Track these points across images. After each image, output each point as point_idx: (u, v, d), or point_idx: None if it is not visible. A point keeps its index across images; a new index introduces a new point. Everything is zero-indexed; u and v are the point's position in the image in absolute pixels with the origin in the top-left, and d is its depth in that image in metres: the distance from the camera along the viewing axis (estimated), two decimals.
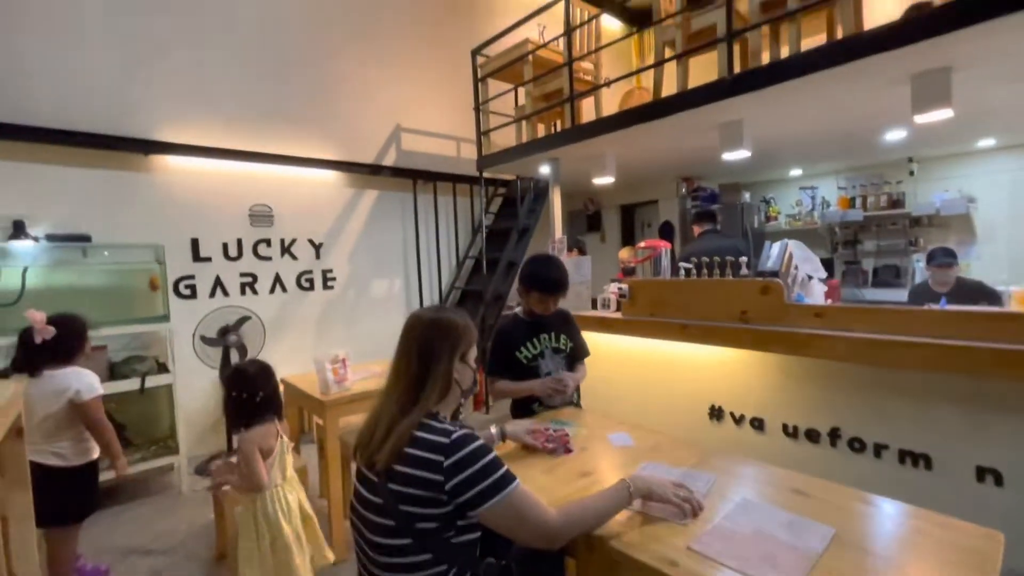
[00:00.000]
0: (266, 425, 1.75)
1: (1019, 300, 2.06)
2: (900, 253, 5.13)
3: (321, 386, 2.44)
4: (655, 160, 4.38)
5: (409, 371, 1.17)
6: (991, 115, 3.27)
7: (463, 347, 1.21)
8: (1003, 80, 2.49)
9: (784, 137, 3.78)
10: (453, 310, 1.27)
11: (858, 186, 5.36)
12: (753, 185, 6.23)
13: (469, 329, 1.24)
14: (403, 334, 1.23)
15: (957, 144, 4.42)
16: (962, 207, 4.51)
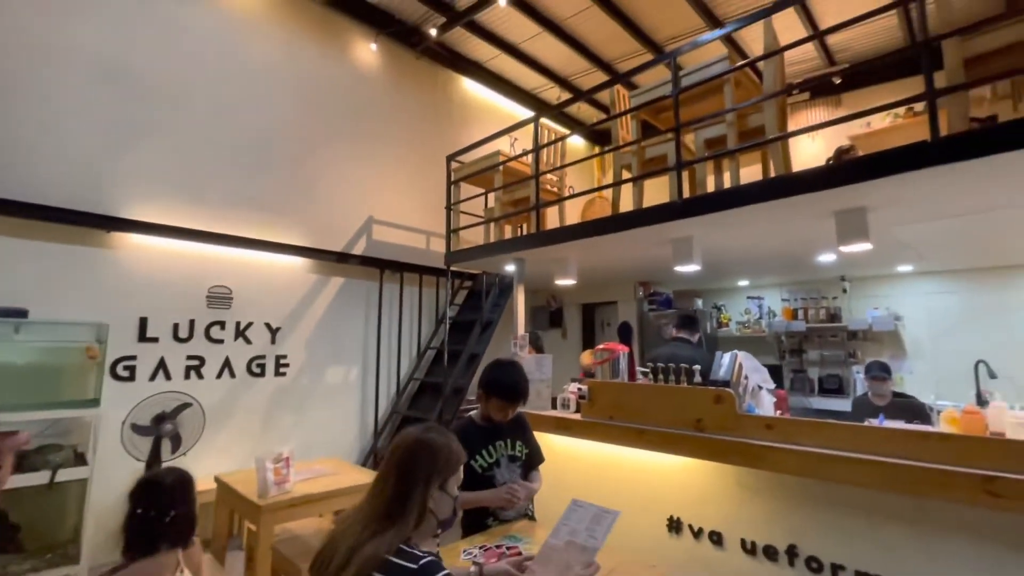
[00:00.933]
0: (164, 557, 1.47)
1: (946, 420, 2.19)
2: (841, 364, 5.42)
3: (260, 488, 2.26)
4: (614, 265, 4.60)
5: (384, 493, 1.13)
6: (904, 247, 3.68)
7: (444, 474, 1.17)
8: (909, 220, 2.85)
9: (731, 253, 4.09)
10: (440, 431, 1.24)
11: (799, 299, 5.77)
12: (706, 292, 6.60)
13: (454, 455, 1.21)
14: (387, 453, 1.21)
15: (881, 268, 4.91)
16: (891, 324, 4.90)
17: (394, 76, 5.36)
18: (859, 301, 5.35)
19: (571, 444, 3.27)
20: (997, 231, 3.24)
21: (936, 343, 4.86)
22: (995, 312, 4.56)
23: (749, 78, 2.96)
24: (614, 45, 5.53)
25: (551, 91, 6.40)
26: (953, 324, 4.78)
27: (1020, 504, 1.74)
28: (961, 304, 4.78)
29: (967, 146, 1.94)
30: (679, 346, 3.67)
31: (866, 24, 5.06)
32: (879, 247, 3.40)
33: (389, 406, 4.98)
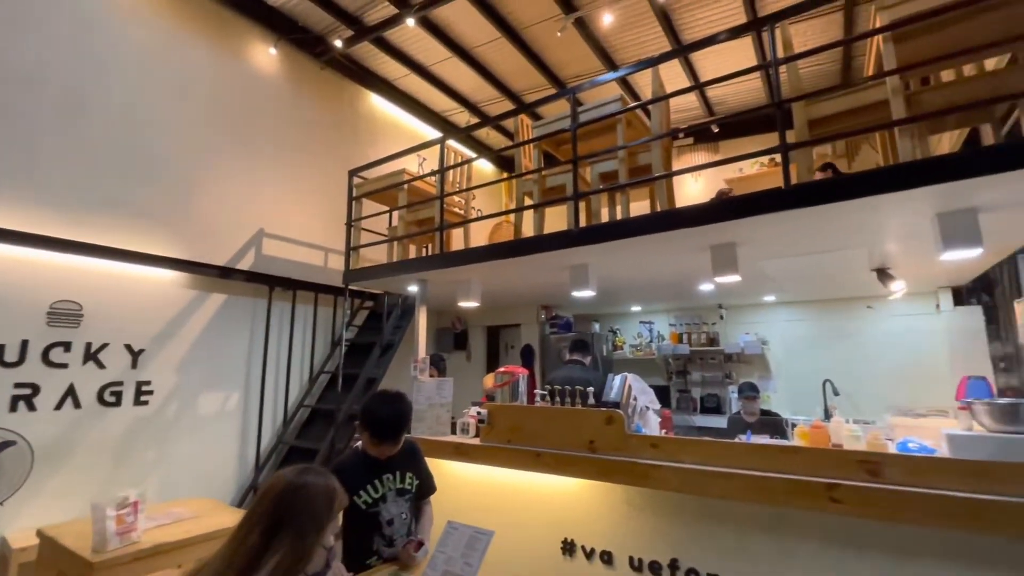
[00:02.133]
0: None
1: (799, 434, 2.45)
2: (719, 384, 5.93)
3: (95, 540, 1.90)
4: (518, 289, 4.66)
5: (247, 543, 0.99)
6: (767, 280, 4.16)
7: (320, 522, 1.05)
8: (771, 256, 3.22)
9: (624, 280, 4.33)
10: (318, 472, 1.10)
11: (684, 324, 6.26)
12: (603, 316, 6.92)
13: (334, 500, 1.08)
14: (256, 497, 1.06)
15: (750, 297, 5.49)
16: (759, 348, 5.48)
17: (296, 84, 5.08)
18: (734, 327, 5.93)
19: (469, 470, 3.19)
20: (837, 268, 3.77)
21: (793, 364, 5.52)
22: (837, 337, 5.29)
23: (640, 120, 3.20)
24: (522, 78, 5.74)
25: (461, 115, 6.46)
26: (806, 347, 5.46)
27: (857, 508, 1.97)
28: (812, 330, 5.48)
29: (810, 194, 2.24)
30: (574, 368, 3.77)
31: (738, 83, 5.77)
32: (747, 279, 3.79)
33: (274, 436, 4.55)
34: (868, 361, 5.02)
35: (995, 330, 4.40)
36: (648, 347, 6.29)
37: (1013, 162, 1.85)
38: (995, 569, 1.84)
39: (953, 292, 4.59)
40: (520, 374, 3.30)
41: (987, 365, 4.33)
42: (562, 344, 5.63)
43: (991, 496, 1.77)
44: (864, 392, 4.94)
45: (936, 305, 4.72)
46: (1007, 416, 1.99)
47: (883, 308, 5.02)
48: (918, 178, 2.00)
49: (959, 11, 2.03)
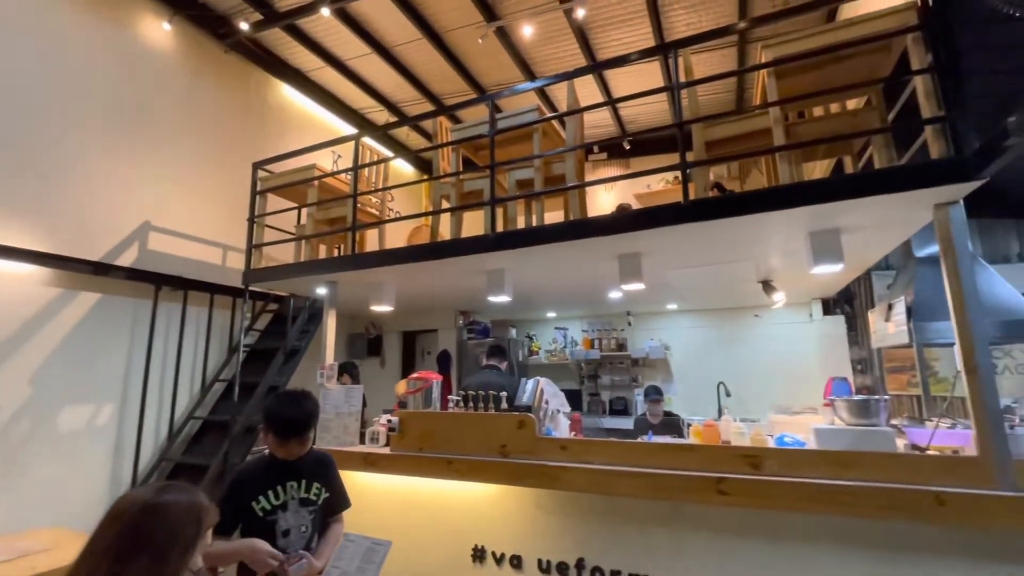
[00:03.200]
0: None
1: (694, 433, 2.63)
2: (627, 387, 6.23)
3: None
4: (435, 293, 4.59)
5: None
6: (670, 289, 4.45)
7: (185, 543, 0.93)
8: (670, 267, 3.46)
9: (539, 286, 4.41)
10: (181, 489, 0.96)
11: (596, 330, 6.50)
12: (520, 322, 7.00)
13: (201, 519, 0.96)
14: (102, 523, 0.90)
15: (655, 305, 5.84)
16: (662, 353, 5.83)
17: (194, 66, 4.63)
18: (640, 333, 6.26)
19: (379, 482, 3.08)
20: (729, 279, 4.11)
21: (692, 368, 5.94)
22: (730, 343, 5.78)
23: (556, 131, 3.29)
24: (444, 81, 5.69)
25: (380, 114, 6.26)
26: (703, 352, 5.91)
27: (741, 500, 2.14)
28: (708, 336, 5.94)
29: (704, 210, 2.42)
30: (489, 373, 3.76)
31: (648, 104, 6.16)
32: (652, 287, 4.02)
33: (157, 453, 4.06)
34: (755, 364, 5.52)
35: (854, 336, 5.05)
36: (562, 352, 6.45)
37: (865, 189, 2.13)
38: (855, 546, 2.08)
39: (823, 303, 5.19)
40: (433, 380, 3.23)
41: (848, 367, 4.94)
42: (479, 350, 5.61)
43: (849, 482, 2.00)
44: (751, 392, 5.42)
45: (809, 314, 5.31)
46: (861, 411, 2.28)
47: (767, 316, 5.56)
48: (793, 199, 2.23)
49: (827, 55, 2.31)
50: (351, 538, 1.33)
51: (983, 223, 4.72)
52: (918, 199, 2.14)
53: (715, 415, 4.62)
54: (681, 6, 4.52)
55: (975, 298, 1.98)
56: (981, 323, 1.96)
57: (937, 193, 2.08)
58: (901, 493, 1.91)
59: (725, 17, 4.54)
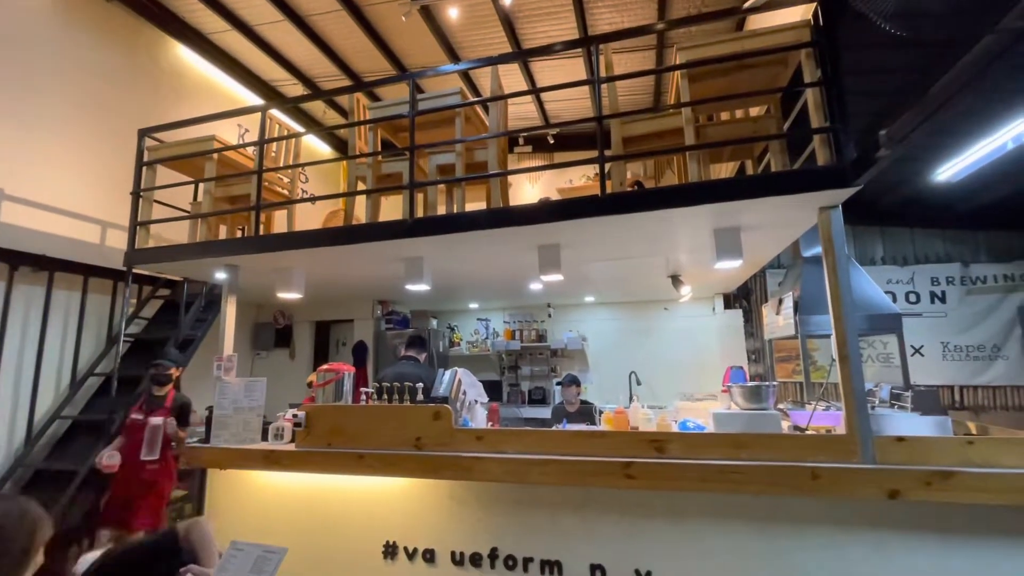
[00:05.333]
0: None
1: (605, 420, 2.71)
2: (545, 377, 6.36)
3: None
4: (351, 281, 4.39)
5: None
6: (587, 281, 4.58)
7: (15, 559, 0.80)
8: (588, 259, 3.55)
9: (460, 276, 4.35)
10: (10, 498, 0.83)
11: (517, 321, 6.56)
12: (441, 313, 6.89)
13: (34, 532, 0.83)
14: None
15: (574, 298, 5.99)
16: (579, 344, 6.00)
17: (66, 14, 3.99)
18: (559, 325, 6.41)
19: (282, 481, 2.89)
20: (641, 272, 4.31)
21: (607, 358, 6.18)
22: (642, 334, 6.08)
23: (479, 118, 3.22)
24: (365, 59, 5.40)
25: (295, 88, 5.82)
26: (617, 343, 6.17)
27: (647, 482, 2.23)
28: (622, 327, 6.21)
29: (619, 203, 2.49)
30: (407, 365, 3.67)
31: (571, 100, 6.27)
32: (570, 279, 4.11)
33: (11, 458, 3.50)
34: (663, 354, 5.86)
35: (750, 328, 5.51)
36: (484, 343, 6.45)
37: (762, 190, 2.29)
38: (744, 520, 2.25)
39: (724, 297, 5.61)
40: (344, 371, 3.06)
41: (744, 357, 5.38)
42: (398, 341, 5.45)
43: (741, 462, 2.16)
44: (660, 381, 5.74)
45: (712, 308, 5.71)
46: (753, 396, 2.47)
47: (675, 310, 5.90)
48: (701, 196, 2.35)
49: (733, 63, 2.45)
50: (239, 546, 1.20)
51: (856, 229, 5.34)
52: (806, 201, 2.33)
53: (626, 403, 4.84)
54: (605, 5, 4.62)
55: (849, 294, 2.21)
56: (853, 316, 2.19)
57: (821, 197, 2.29)
58: (783, 470, 2.09)
59: (646, 19, 4.71)
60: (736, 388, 2.52)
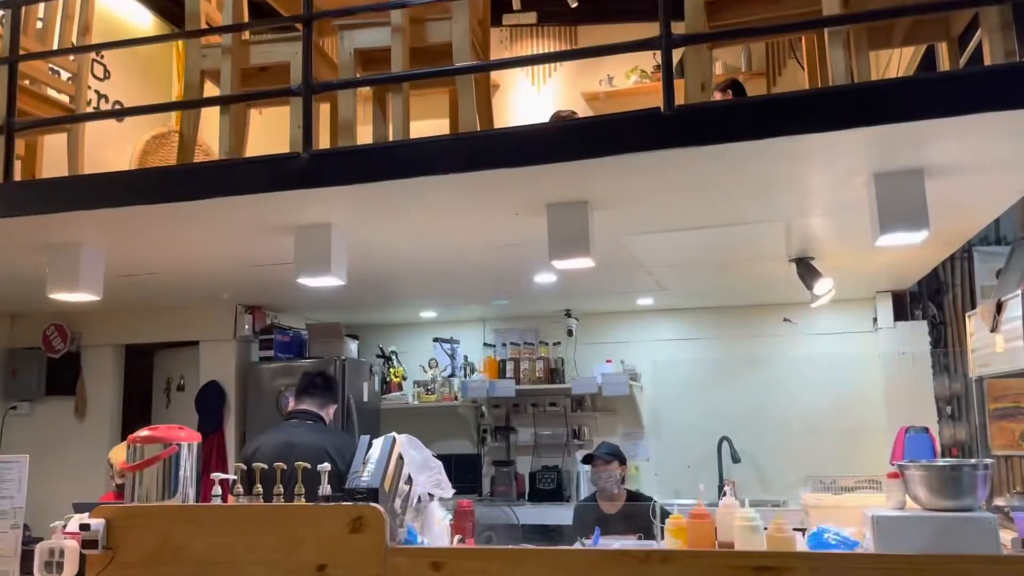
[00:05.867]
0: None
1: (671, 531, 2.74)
2: (562, 449, 6.40)
3: None
4: (193, 270, 4.43)
5: None
6: (638, 270, 4.61)
7: None
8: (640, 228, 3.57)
9: (401, 262, 4.36)
10: None
11: (509, 343, 6.60)
12: (368, 329, 6.91)
13: None
14: None
15: (614, 300, 6.05)
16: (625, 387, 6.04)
17: None
18: (588, 350, 6.44)
19: None
20: (738, 255, 4.32)
21: (676, 413, 6.22)
22: (741, 369, 6.12)
23: None
24: None
25: None
26: (696, 384, 6.21)
27: None
28: (705, 357, 6.25)
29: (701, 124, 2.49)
30: (301, 429, 3.72)
31: None
32: (608, 265, 4.12)
33: None
34: (782, 406, 5.91)
35: (942, 357, 5.57)
36: (447, 385, 6.47)
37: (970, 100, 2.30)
38: None
39: (894, 300, 5.67)
40: (183, 440, 3.08)
41: (931, 410, 5.45)
42: (283, 383, 5.47)
43: None
44: (774, 456, 5.80)
45: (873, 318, 5.77)
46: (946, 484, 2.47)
47: (804, 322, 5.96)
48: (851, 112, 2.36)
49: None
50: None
51: None
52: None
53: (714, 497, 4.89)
54: None
55: None
56: None
57: None
58: None
59: None
60: (915, 470, 2.54)
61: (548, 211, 3.04)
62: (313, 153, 2.84)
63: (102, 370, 5.90)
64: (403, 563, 2.63)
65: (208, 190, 2.92)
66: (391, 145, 2.90)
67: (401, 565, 2.63)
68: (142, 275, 4.35)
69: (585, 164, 2.63)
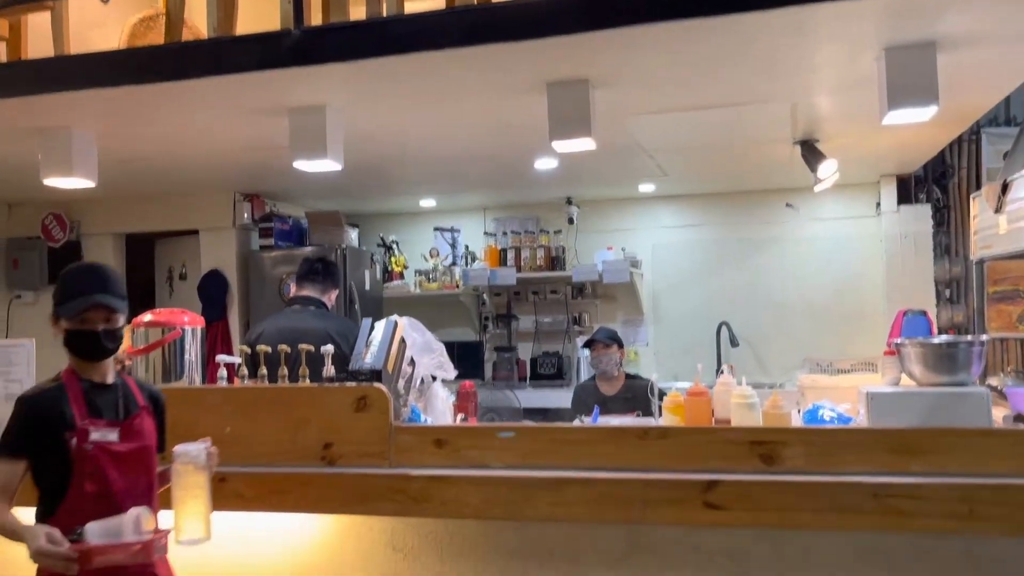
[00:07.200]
0: None
1: (669, 408, 2.78)
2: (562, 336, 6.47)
3: None
4: (188, 156, 4.41)
5: None
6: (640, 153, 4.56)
7: None
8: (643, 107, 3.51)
9: (400, 146, 4.32)
10: None
11: (510, 232, 6.58)
12: (367, 218, 6.89)
13: None
14: None
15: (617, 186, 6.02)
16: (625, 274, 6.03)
17: None
18: (589, 238, 6.43)
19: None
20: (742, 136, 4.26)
21: (677, 299, 6.27)
22: (742, 255, 6.13)
23: None
24: None
25: None
26: (697, 271, 6.24)
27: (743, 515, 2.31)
28: (706, 243, 6.25)
29: None
30: (303, 314, 3.76)
31: None
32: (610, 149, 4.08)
33: None
34: (781, 291, 5.95)
35: (944, 239, 5.55)
36: (448, 273, 6.49)
37: None
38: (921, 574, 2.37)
39: (898, 184, 5.61)
40: (186, 325, 3.11)
41: (930, 293, 5.47)
42: (284, 270, 5.49)
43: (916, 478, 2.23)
44: (773, 340, 5.86)
45: (876, 204, 5.73)
46: (943, 362, 2.48)
47: (807, 207, 5.93)
48: None
49: None
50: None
51: None
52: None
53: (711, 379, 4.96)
54: None
55: None
56: None
57: None
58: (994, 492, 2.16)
59: None
60: (912, 347, 2.56)
61: (548, 90, 3.02)
62: (304, 30, 2.80)
63: (103, 259, 5.91)
64: (408, 440, 2.68)
65: (196, 68, 2.90)
66: (385, 20, 2.83)
67: (405, 442, 2.68)
68: (136, 161, 4.33)
69: (588, 37, 2.58)
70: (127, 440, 2.20)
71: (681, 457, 2.43)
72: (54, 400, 2.12)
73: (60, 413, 2.09)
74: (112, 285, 2.19)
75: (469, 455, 2.61)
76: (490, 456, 2.59)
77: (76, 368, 2.20)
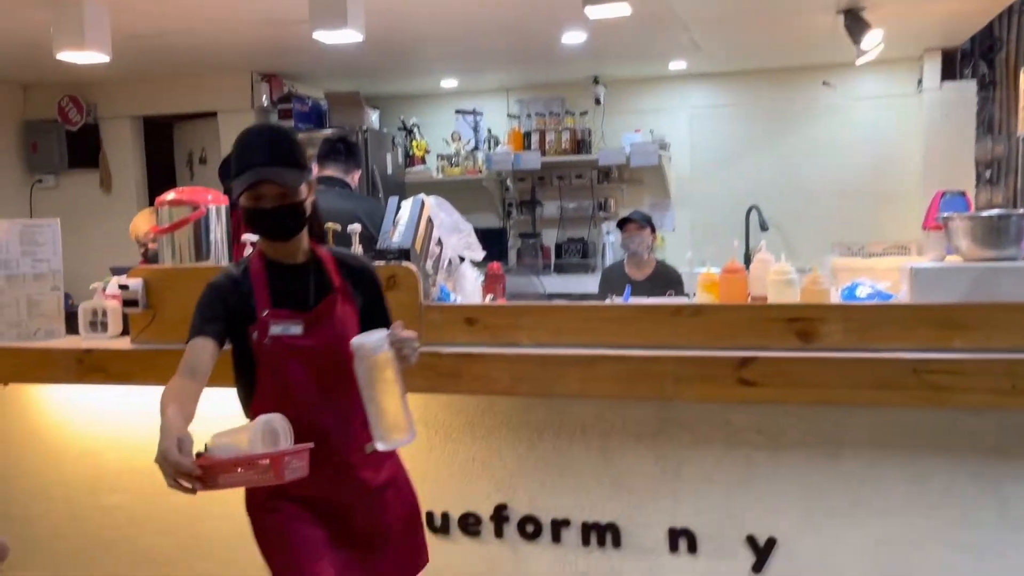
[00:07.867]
0: None
1: (703, 286, 2.74)
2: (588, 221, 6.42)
3: None
4: (203, 31, 4.31)
5: None
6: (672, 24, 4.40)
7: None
8: None
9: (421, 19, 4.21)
10: None
11: (534, 114, 6.46)
12: (387, 100, 6.77)
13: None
14: None
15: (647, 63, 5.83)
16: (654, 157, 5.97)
17: None
18: (616, 120, 6.30)
19: (110, 402, 3.08)
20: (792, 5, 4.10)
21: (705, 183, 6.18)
22: (773, 137, 5.99)
23: None
24: None
25: None
26: (726, 154, 6.12)
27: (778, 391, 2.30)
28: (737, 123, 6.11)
29: None
30: (328, 194, 3.68)
31: None
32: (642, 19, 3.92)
33: None
34: (814, 174, 5.83)
35: (987, 118, 5.37)
36: (471, 158, 6.42)
37: None
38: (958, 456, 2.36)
39: (943, 59, 5.39)
40: (210, 204, 3.07)
41: (970, 174, 5.33)
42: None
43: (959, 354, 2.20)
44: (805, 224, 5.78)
45: (918, 81, 5.52)
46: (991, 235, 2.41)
47: (846, 85, 5.74)
48: None
49: None
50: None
51: None
52: None
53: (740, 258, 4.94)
54: None
55: None
56: None
57: None
58: None
59: None
60: (960, 220, 2.49)
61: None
62: None
63: (123, 142, 5.95)
64: (438, 318, 2.68)
65: None
66: None
67: (436, 321, 2.68)
68: (151, 37, 4.25)
69: None
70: (313, 332, 1.95)
71: (715, 335, 2.41)
72: (235, 286, 1.95)
73: (242, 302, 1.93)
74: (285, 152, 1.95)
75: (499, 333, 2.61)
76: (521, 334, 2.59)
77: (264, 248, 2.01)
